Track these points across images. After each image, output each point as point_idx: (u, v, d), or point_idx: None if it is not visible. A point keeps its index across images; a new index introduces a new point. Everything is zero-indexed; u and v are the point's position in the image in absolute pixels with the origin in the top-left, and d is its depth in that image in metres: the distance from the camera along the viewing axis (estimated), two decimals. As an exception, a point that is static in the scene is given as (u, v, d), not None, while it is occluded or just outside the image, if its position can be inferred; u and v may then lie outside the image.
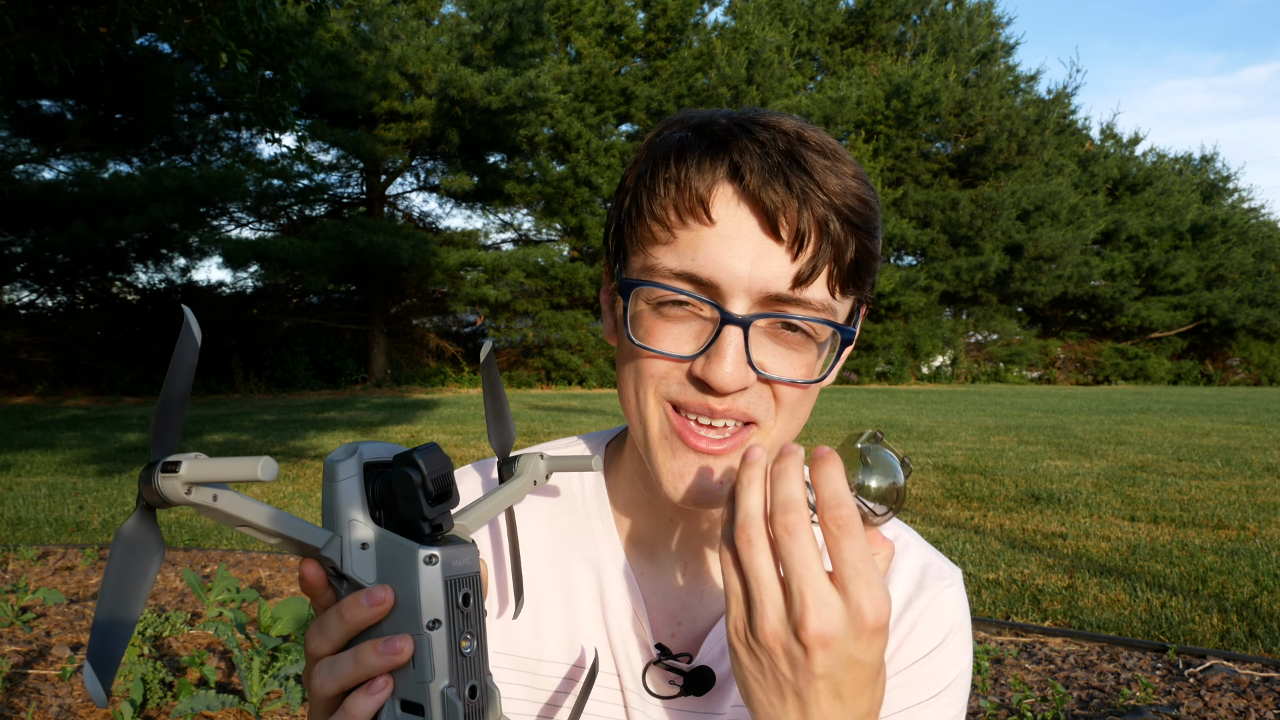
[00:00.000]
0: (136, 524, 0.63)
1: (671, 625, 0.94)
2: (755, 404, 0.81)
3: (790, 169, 0.76)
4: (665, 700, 0.91)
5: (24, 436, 11.75)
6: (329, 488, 0.65)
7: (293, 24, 16.76)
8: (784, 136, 0.78)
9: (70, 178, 20.09)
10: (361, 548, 0.64)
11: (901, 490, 0.69)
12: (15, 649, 3.58)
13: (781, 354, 0.81)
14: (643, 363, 0.82)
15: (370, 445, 0.66)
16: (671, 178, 0.79)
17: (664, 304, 0.80)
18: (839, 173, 0.78)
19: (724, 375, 0.77)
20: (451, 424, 13.39)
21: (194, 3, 5.83)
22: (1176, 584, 4.85)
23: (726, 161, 0.78)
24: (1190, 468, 9.06)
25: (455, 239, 25.24)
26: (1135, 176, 34.90)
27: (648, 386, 0.83)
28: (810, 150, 0.78)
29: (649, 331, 0.81)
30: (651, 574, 0.95)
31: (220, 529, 6.23)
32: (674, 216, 0.79)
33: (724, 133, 0.79)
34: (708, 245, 0.78)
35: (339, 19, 21.44)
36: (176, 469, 0.59)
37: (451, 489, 0.65)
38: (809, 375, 0.82)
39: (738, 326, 0.77)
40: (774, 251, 0.77)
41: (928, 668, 0.92)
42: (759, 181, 0.76)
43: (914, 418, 14.89)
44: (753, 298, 0.78)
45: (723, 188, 0.78)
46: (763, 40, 26.88)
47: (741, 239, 0.77)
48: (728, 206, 0.78)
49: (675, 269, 0.79)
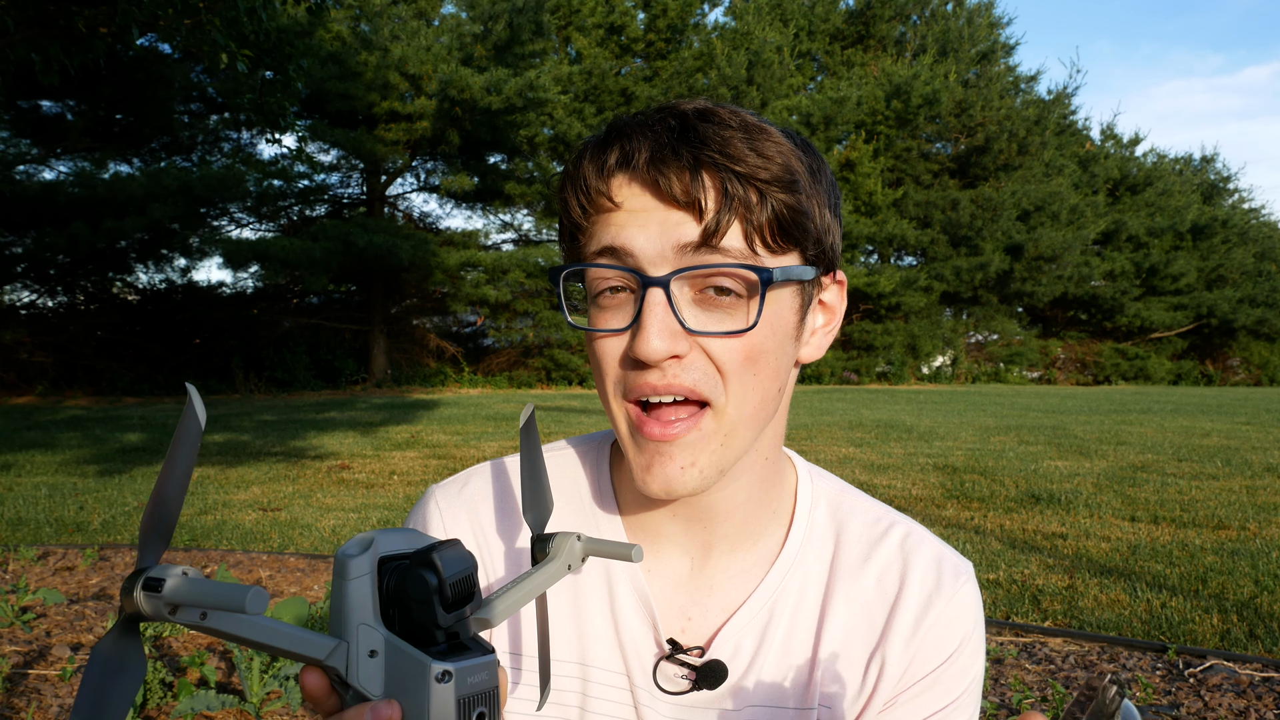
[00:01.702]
0: (116, 639, 0.58)
1: (681, 620, 0.93)
2: (700, 380, 0.81)
3: (680, 142, 0.79)
4: (677, 696, 0.91)
5: (24, 436, 11.76)
6: (339, 585, 0.59)
7: (293, 24, 16.76)
8: (677, 115, 0.82)
9: (70, 178, 20.09)
10: (370, 655, 0.58)
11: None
12: (15, 649, 3.58)
13: (712, 316, 0.81)
14: (596, 356, 0.86)
15: (387, 536, 0.60)
16: (574, 178, 0.84)
17: (599, 294, 0.84)
18: (749, 139, 0.79)
19: (647, 344, 0.79)
20: (451, 424, 13.39)
21: (194, 3, 5.82)
22: (1177, 584, 4.85)
23: (616, 150, 0.81)
24: (1190, 468, 9.06)
25: (455, 239, 25.24)
26: (1135, 177, 34.88)
27: (608, 385, 0.85)
28: (709, 123, 0.80)
29: (591, 323, 0.85)
30: (659, 570, 0.94)
31: (220, 529, 6.23)
32: (583, 212, 0.83)
33: (620, 125, 0.83)
34: (618, 221, 0.81)
35: (339, 19, 21.43)
36: (159, 588, 0.55)
37: (473, 592, 0.60)
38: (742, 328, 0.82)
39: (658, 286, 0.79)
40: (677, 216, 0.79)
41: (952, 670, 0.92)
42: (646, 159, 0.79)
43: (914, 418, 14.89)
44: (670, 264, 0.79)
45: (617, 176, 0.82)
46: (763, 40, 26.88)
47: (645, 212, 0.80)
48: (626, 189, 0.81)
49: (593, 249, 0.82)
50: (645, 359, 0.79)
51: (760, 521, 0.94)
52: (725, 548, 0.93)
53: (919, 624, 0.91)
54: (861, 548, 0.95)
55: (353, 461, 9.49)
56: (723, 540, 0.93)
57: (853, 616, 0.92)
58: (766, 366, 0.84)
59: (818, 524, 0.96)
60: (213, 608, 0.55)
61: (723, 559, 0.94)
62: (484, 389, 23.62)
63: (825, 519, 0.97)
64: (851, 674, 0.91)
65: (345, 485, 8.09)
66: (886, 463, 9.40)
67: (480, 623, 0.66)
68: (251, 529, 6.24)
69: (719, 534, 0.93)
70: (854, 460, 9.60)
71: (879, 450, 10.45)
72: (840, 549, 0.95)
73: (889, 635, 0.91)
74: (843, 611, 0.93)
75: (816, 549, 0.95)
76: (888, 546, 0.95)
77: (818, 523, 0.96)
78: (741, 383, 0.82)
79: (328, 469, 9.00)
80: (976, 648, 0.93)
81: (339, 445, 10.88)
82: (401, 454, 10.06)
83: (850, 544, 0.95)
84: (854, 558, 0.94)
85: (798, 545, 0.95)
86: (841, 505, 0.98)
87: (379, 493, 7.71)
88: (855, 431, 12.52)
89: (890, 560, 0.94)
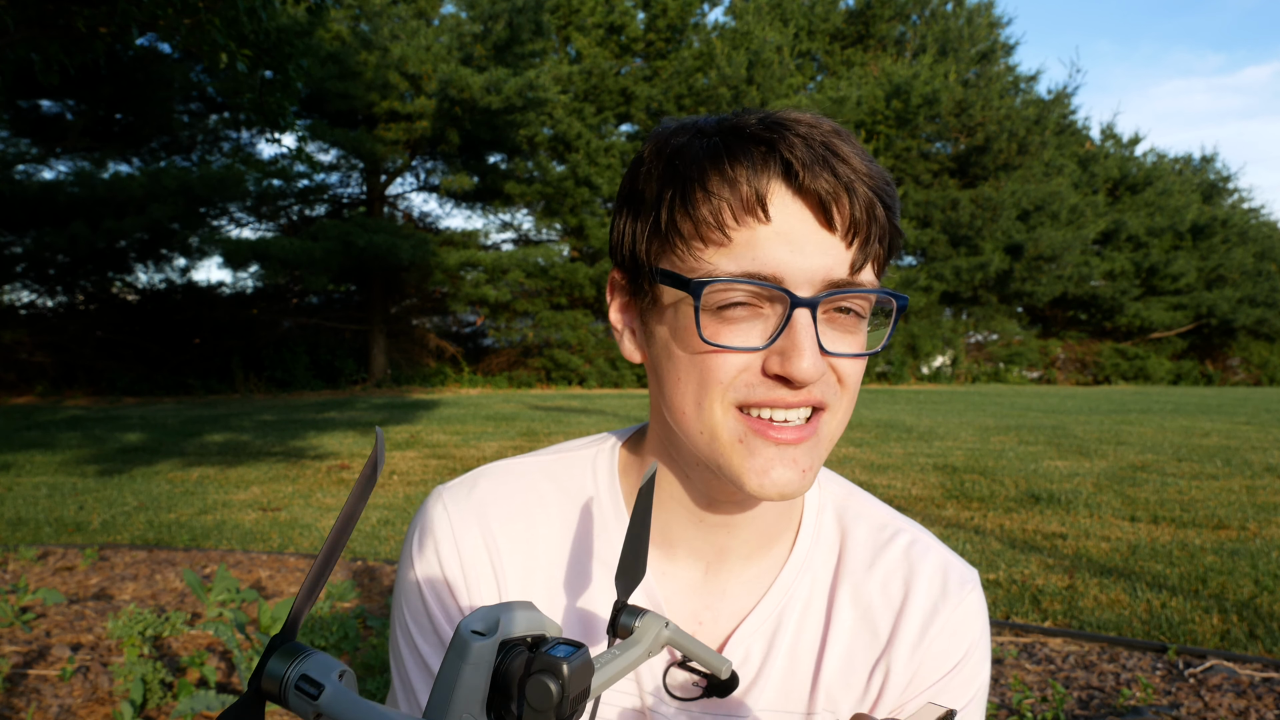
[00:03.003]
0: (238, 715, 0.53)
1: (693, 625, 0.93)
2: (825, 390, 0.83)
3: (833, 159, 0.78)
4: (687, 703, 0.90)
5: (24, 436, 11.76)
6: (455, 665, 0.53)
7: (293, 24, 16.75)
8: (817, 129, 0.80)
9: (70, 178, 20.09)
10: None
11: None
12: (15, 649, 3.58)
13: (840, 336, 0.83)
14: (707, 370, 0.81)
15: (512, 615, 0.55)
16: (726, 179, 0.79)
17: (725, 306, 0.80)
18: (864, 157, 0.80)
19: (804, 367, 0.78)
20: (451, 424, 13.39)
21: (194, 3, 5.82)
22: (1177, 584, 4.85)
23: (778, 158, 0.79)
24: (1190, 468, 9.06)
25: (455, 239, 25.24)
26: (1135, 176, 34.87)
27: (714, 394, 0.81)
28: (839, 139, 0.80)
29: (713, 336, 0.80)
30: (671, 574, 0.93)
31: (220, 529, 6.23)
32: (730, 218, 0.79)
33: (764, 130, 0.80)
34: (767, 243, 0.78)
35: (339, 19, 21.43)
36: (315, 695, 0.51)
37: (584, 703, 0.56)
38: (870, 350, 0.86)
39: (806, 308, 0.78)
40: (830, 241, 0.79)
41: (958, 679, 0.92)
42: (810, 175, 0.78)
43: (914, 418, 14.89)
44: (815, 287, 0.79)
45: (777, 184, 0.79)
46: (763, 40, 26.87)
47: (800, 233, 0.78)
48: (783, 202, 0.79)
49: (735, 271, 0.79)
50: (802, 380, 0.79)
51: (776, 528, 0.94)
52: (743, 553, 0.93)
53: (925, 633, 0.91)
54: (867, 554, 0.94)
55: (353, 461, 9.49)
56: (741, 545, 0.93)
57: (857, 623, 0.92)
58: (861, 379, 0.87)
59: (825, 528, 0.96)
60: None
61: (737, 564, 0.93)
62: (484, 389, 23.61)
63: (831, 523, 0.97)
64: (855, 681, 0.91)
65: (345, 485, 8.09)
66: (886, 463, 9.40)
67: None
68: (251, 529, 6.24)
69: (739, 539, 0.92)
70: (854, 460, 9.60)
71: (879, 450, 10.45)
72: (845, 554, 0.95)
73: (894, 643, 0.91)
74: (847, 618, 0.92)
75: (823, 554, 0.95)
76: (893, 553, 0.94)
77: (825, 527, 0.96)
78: (852, 394, 0.85)
79: (328, 469, 9.00)
80: (982, 656, 0.93)
81: (339, 445, 10.88)
82: (401, 454, 10.06)
83: (855, 549, 0.95)
84: (859, 563, 0.94)
85: (805, 550, 0.94)
86: (848, 510, 0.97)
87: (379, 493, 7.70)
88: (855, 431, 12.52)
89: (895, 567, 0.93)
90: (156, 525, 6.36)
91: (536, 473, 0.97)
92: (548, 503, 0.95)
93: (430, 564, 0.93)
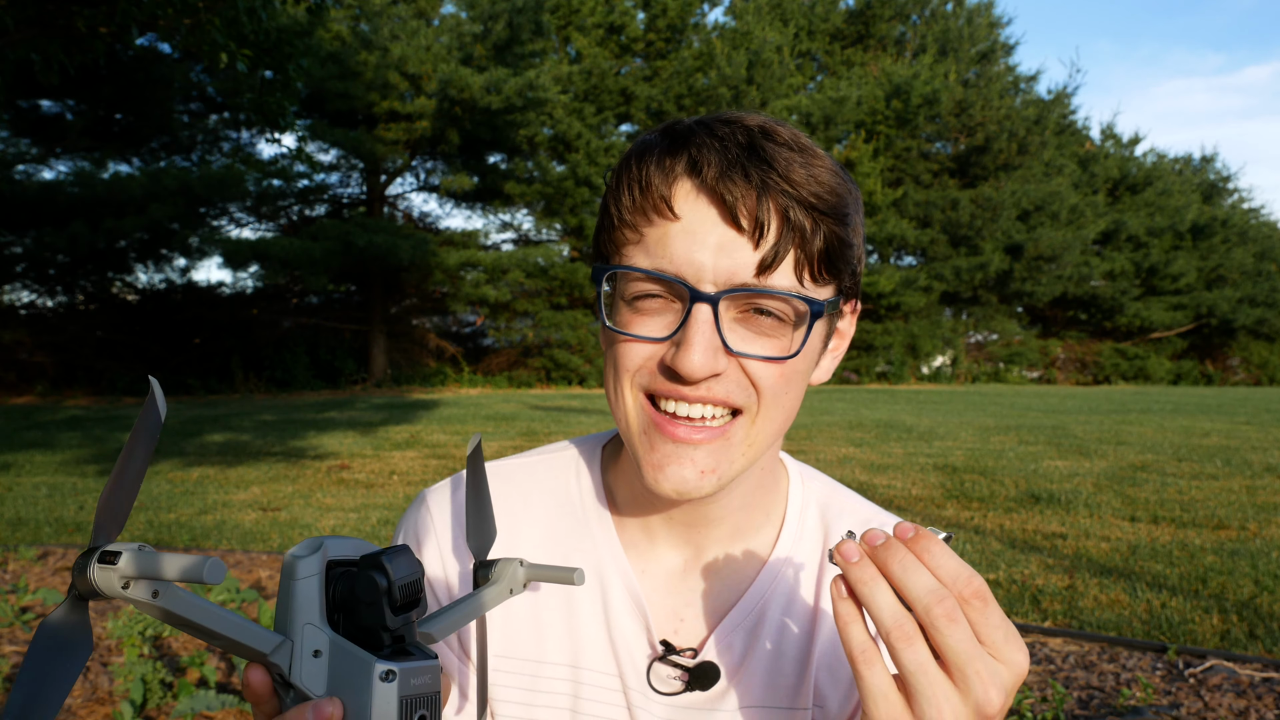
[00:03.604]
0: (65, 615, 0.58)
1: (674, 622, 0.94)
2: (734, 391, 0.82)
3: (749, 160, 0.78)
4: (669, 696, 0.91)
5: (24, 436, 11.75)
6: (286, 585, 0.59)
7: (293, 24, 16.72)
8: (744, 130, 0.80)
9: (70, 178, 20.10)
10: (314, 655, 0.58)
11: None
12: (15, 649, 3.58)
13: (754, 339, 0.82)
14: (619, 354, 0.84)
15: (336, 541, 0.61)
16: (634, 178, 0.82)
17: (638, 298, 0.83)
18: (806, 164, 0.79)
19: (692, 362, 0.79)
20: (451, 424, 13.39)
21: (194, 3, 5.82)
22: (1176, 584, 4.85)
23: (685, 157, 0.80)
24: (1190, 468, 9.06)
25: (455, 239, 25.24)
26: (1135, 177, 34.87)
27: (624, 379, 0.85)
28: (773, 143, 0.79)
29: (625, 324, 0.83)
30: (652, 572, 0.95)
31: (220, 529, 6.23)
32: (640, 216, 0.82)
33: (685, 131, 0.82)
34: (673, 240, 0.80)
35: (339, 19, 21.43)
36: (115, 561, 0.54)
37: (420, 597, 0.60)
38: (784, 354, 0.83)
39: (707, 304, 0.79)
40: (736, 241, 0.79)
41: None
42: (716, 174, 0.78)
43: (914, 418, 14.89)
44: (719, 287, 0.79)
45: (682, 183, 0.80)
46: (763, 40, 26.87)
47: (704, 231, 0.79)
48: (688, 201, 0.80)
49: (647, 265, 0.81)
50: (687, 376, 0.79)
51: (752, 524, 0.95)
52: (717, 550, 0.94)
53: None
54: None
55: (352, 461, 9.49)
56: (715, 543, 0.94)
57: None
58: (795, 388, 0.85)
59: (808, 526, 0.97)
60: (170, 579, 0.54)
61: (714, 561, 0.94)
62: (484, 389, 23.61)
63: (815, 520, 0.97)
64: (842, 674, 0.92)
65: (345, 485, 8.09)
66: (886, 463, 9.40)
67: (424, 637, 0.67)
68: (251, 529, 6.24)
69: (711, 537, 0.93)
70: (854, 460, 9.60)
71: (879, 450, 10.45)
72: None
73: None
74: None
75: (807, 550, 0.96)
76: None
77: (808, 524, 0.97)
78: (775, 400, 0.84)
79: (328, 469, 9.00)
80: None
81: (339, 445, 10.88)
82: (401, 454, 10.06)
83: None
84: None
85: (788, 547, 0.95)
86: (831, 506, 0.98)
87: (379, 493, 7.71)
88: (855, 431, 12.51)
89: None
90: (156, 525, 6.35)
91: (520, 474, 1.00)
92: (531, 502, 0.97)
93: None
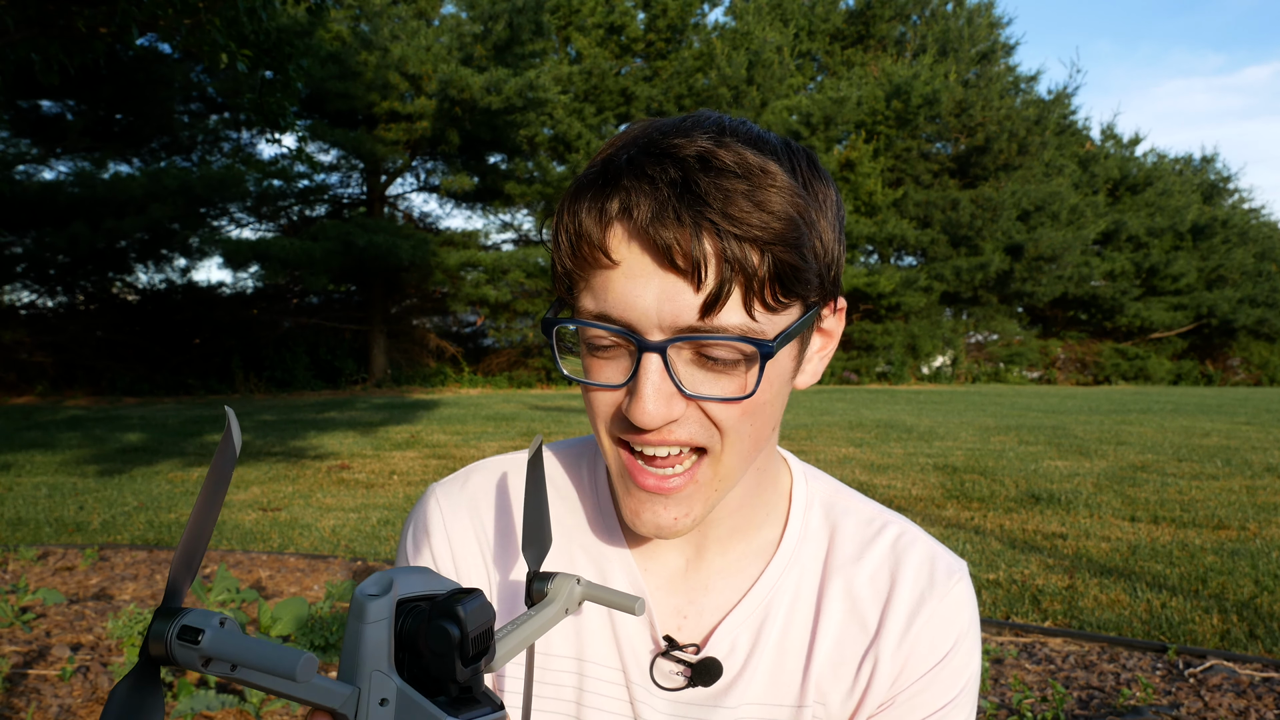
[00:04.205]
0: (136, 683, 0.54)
1: (677, 619, 0.94)
2: (696, 433, 0.81)
3: (680, 199, 0.75)
4: (673, 692, 0.91)
5: (24, 436, 11.76)
6: (355, 627, 0.55)
7: (293, 24, 16.76)
8: (679, 165, 0.76)
9: (70, 178, 20.09)
10: (380, 703, 0.56)
11: None
12: (15, 649, 3.58)
13: (710, 379, 0.80)
14: (591, 401, 0.85)
15: (405, 577, 0.57)
16: (569, 224, 0.80)
17: (593, 344, 0.82)
18: (751, 191, 0.75)
19: (644, 413, 0.78)
20: (451, 424, 13.39)
21: (194, 3, 5.82)
22: (1177, 584, 4.85)
23: (616, 201, 0.78)
24: (1190, 468, 9.06)
25: (455, 239, 25.24)
26: (1135, 177, 34.87)
27: (600, 426, 0.85)
28: (710, 174, 0.75)
29: (588, 369, 0.83)
30: (655, 568, 0.95)
31: (220, 529, 6.23)
32: (580, 262, 0.80)
33: (616, 171, 0.79)
34: (615, 285, 0.78)
35: (339, 19, 21.43)
36: (197, 640, 0.52)
37: (490, 645, 0.58)
38: (741, 394, 0.81)
39: (655, 353, 0.78)
40: (677, 285, 0.76)
41: (947, 670, 0.92)
42: (647, 216, 0.76)
43: (914, 418, 14.89)
44: (665, 332, 0.78)
45: (614, 228, 0.78)
46: (763, 40, 26.87)
47: (644, 276, 0.77)
48: (623, 246, 0.78)
49: (593, 311, 0.80)
50: (642, 426, 0.78)
51: (753, 522, 0.95)
52: (718, 549, 0.94)
53: (911, 623, 0.91)
54: (854, 547, 0.95)
55: (353, 461, 9.49)
56: (715, 542, 0.94)
57: (846, 615, 0.93)
58: (762, 417, 0.84)
59: (812, 524, 0.97)
60: (257, 669, 0.51)
61: (717, 559, 0.95)
62: (484, 389, 23.62)
63: (820, 519, 0.98)
64: (844, 673, 0.92)
65: (345, 485, 8.10)
66: (886, 463, 9.40)
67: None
68: (251, 529, 6.24)
69: (712, 536, 0.94)
70: (854, 460, 9.60)
71: (879, 450, 10.45)
72: (834, 548, 0.96)
73: (881, 635, 0.92)
74: (836, 610, 0.93)
75: (811, 549, 0.96)
76: (880, 546, 0.95)
77: (812, 523, 0.97)
78: (739, 435, 0.83)
79: (328, 469, 9.00)
80: (971, 647, 0.94)
81: (339, 445, 10.88)
82: (401, 454, 10.06)
83: (844, 543, 0.96)
84: (847, 557, 0.95)
85: (792, 545, 0.95)
86: (835, 505, 0.98)
87: (379, 493, 7.71)
88: (855, 431, 12.52)
89: (882, 560, 0.94)
90: (156, 525, 6.36)
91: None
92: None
93: (424, 558, 0.96)
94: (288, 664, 0.50)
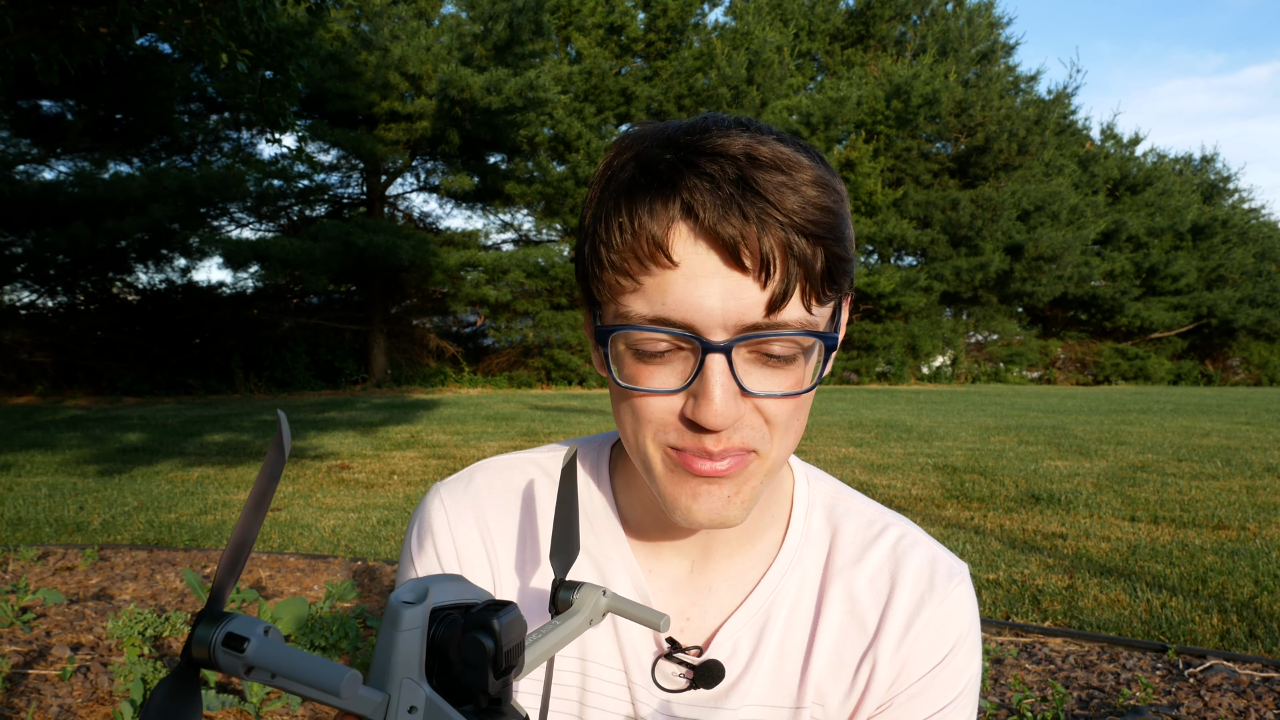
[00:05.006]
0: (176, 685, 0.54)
1: (680, 620, 0.94)
2: (750, 437, 0.81)
3: (743, 197, 0.75)
4: (674, 694, 0.92)
5: (24, 436, 11.76)
6: (389, 633, 0.55)
7: (293, 24, 16.75)
8: (732, 163, 0.76)
9: (70, 178, 20.08)
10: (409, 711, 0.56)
11: None
12: (15, 649, 3.58)
13: (769, 375, 0.80)
14: (638, 409, 0.82)
15: (440, 584, 0.57)
16: (625, 225, 0.78)
17: (645, 349, 0.80)
18: (796, 186, 0.76)
19: (714, 414, 0.77)
20: (452, 424, 13.39)
21: (194, 3, 5.83)
22: (1176, 584, 4.85)
23: (678, 201, 0.76)
24: (1190, 468, 9.06)
25: (455, 239, 25.24)
26: (1135, 177, 34.88)
27: (645, 432, 0.83)
28: (761, 170, 0.76)
29: (634, 376, 0.81)
30: (658, 570, 0.95)
31: (220, 529, 6.23)
32: (635, 264, 0.78)
33: (670, 170, 0.77)
34: (675, 287, 0.77)
35: (339, 19, 21.43)
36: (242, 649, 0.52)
37: (521, 658, 0.59)
38: (798, 389, 0.81)
39: (720, 353, 0.77)
40: (742, 283, 0.76)
41: (947, 671, 0.92)
42: (714, 216, 0.75)
43: (914, 418, 14.89)
44: (729, 331, 0.77)
45: (678, 228, 0.76)
46: (763, 40, 26.88)
47: (707, 276, 0.76)
48: (687, 246, 0.76)
49: (648, 315, 0.78)
50: (712, 428, 0.78)
51: (759, 526, 0.95)
52: (724, 552, 0.95)
53: (910, 625, 0.92)
54: (855, 549, 0.96)
55: (353, 461, 9.49)
56: (722, 545, 0.94)
57: (845, 617, 0.93)
58: (804, 410, 0.85)
59: (814, 526, 0.97)
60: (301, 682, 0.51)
61: (721, 562, 0.95)
62: (484, 389, 23.62)
63: (821, 521, 0.98)
64: (843, 674, 0.92)
65: (345, 485, 8.10)
66: (886, 463, 9.40)
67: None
68: (251, 529, 6.23)
69: (719, 539, 0.94)
70: (854, 460, 9.60)
71: (879, 450, 10.45)
72: (835, 550, 0.96)
73: (880, 637, 0.92)
74: (836, 612, 0.93)
75: (813, 551, 0.96)
76: (880, 548, 0.95)
77: (814, 525, 0.97)
78: (786, 430, 0.83)
79: (328, 469, 9.00)
80: (972, 649, 0.94)
81: (339, 445, 10.88)
82: (401, 454, 10.07)
83: (844, 545, 0.96)
84: (847, 559, 0.95)
85: (794, 548, 0.95)
86: (837, 507, 0.98)
87: (379, 493, 7.71)
88: (855, 431, 12.52)
89: (882, 562, 0.95)
90: (156, 525, 6.36)
91: (531, 467, 1.00)
92: (541, 496, 0.98)
93: (428, 557, 0.96)
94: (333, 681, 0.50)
